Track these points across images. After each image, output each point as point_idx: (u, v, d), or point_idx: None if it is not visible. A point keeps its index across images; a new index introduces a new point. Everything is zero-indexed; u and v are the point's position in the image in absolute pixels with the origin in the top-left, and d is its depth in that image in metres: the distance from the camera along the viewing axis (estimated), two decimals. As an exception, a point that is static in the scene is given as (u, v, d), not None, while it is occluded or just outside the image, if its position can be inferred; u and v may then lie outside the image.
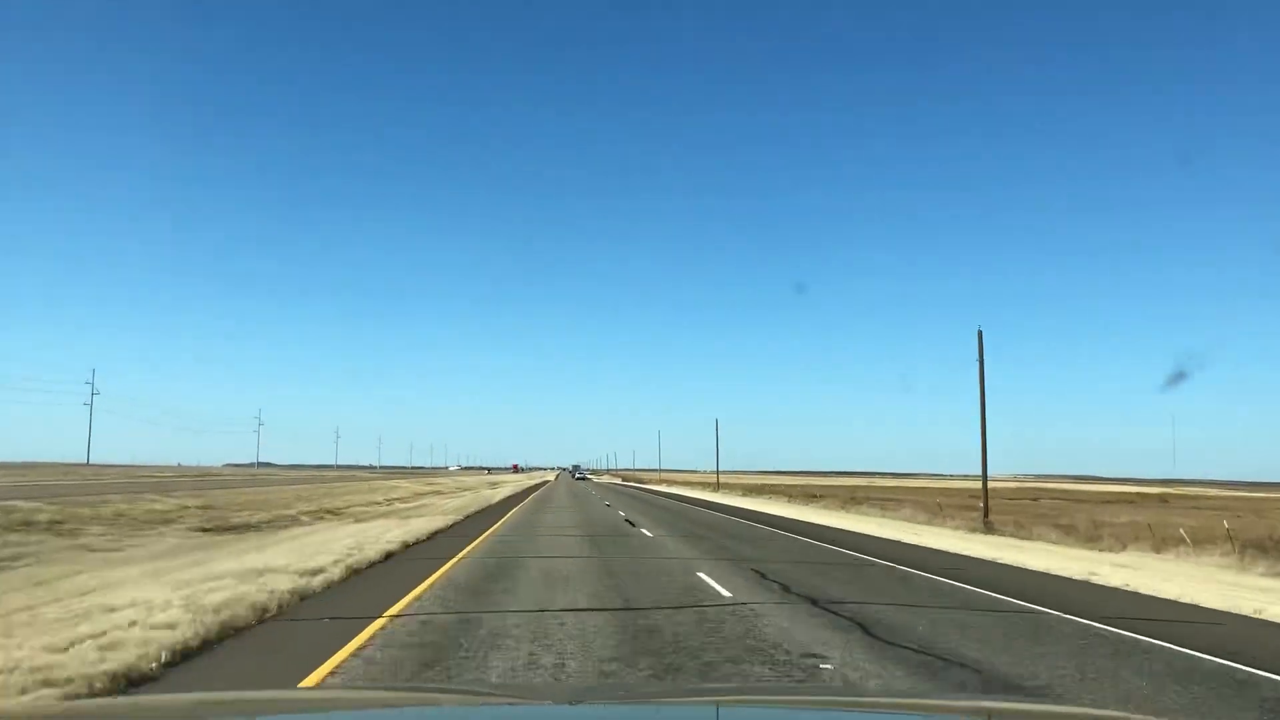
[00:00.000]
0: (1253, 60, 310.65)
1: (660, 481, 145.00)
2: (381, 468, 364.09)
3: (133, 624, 9.28)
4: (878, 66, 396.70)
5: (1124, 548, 23.78)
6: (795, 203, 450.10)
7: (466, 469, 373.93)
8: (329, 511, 39.22)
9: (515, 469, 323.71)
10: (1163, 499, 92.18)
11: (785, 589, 14.40)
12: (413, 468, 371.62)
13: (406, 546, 20.80)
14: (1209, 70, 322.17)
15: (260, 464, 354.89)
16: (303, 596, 12.43)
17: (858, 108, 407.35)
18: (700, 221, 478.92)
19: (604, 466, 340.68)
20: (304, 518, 34.88)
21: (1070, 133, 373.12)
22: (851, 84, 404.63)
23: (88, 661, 7.56)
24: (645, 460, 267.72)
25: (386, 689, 5.93)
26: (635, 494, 77.90)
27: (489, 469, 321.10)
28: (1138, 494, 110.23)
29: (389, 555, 18.50)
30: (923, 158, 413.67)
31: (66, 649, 8.09)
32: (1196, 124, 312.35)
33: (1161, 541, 23.95)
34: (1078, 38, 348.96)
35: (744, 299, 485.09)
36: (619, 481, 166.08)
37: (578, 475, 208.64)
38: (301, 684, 7.22)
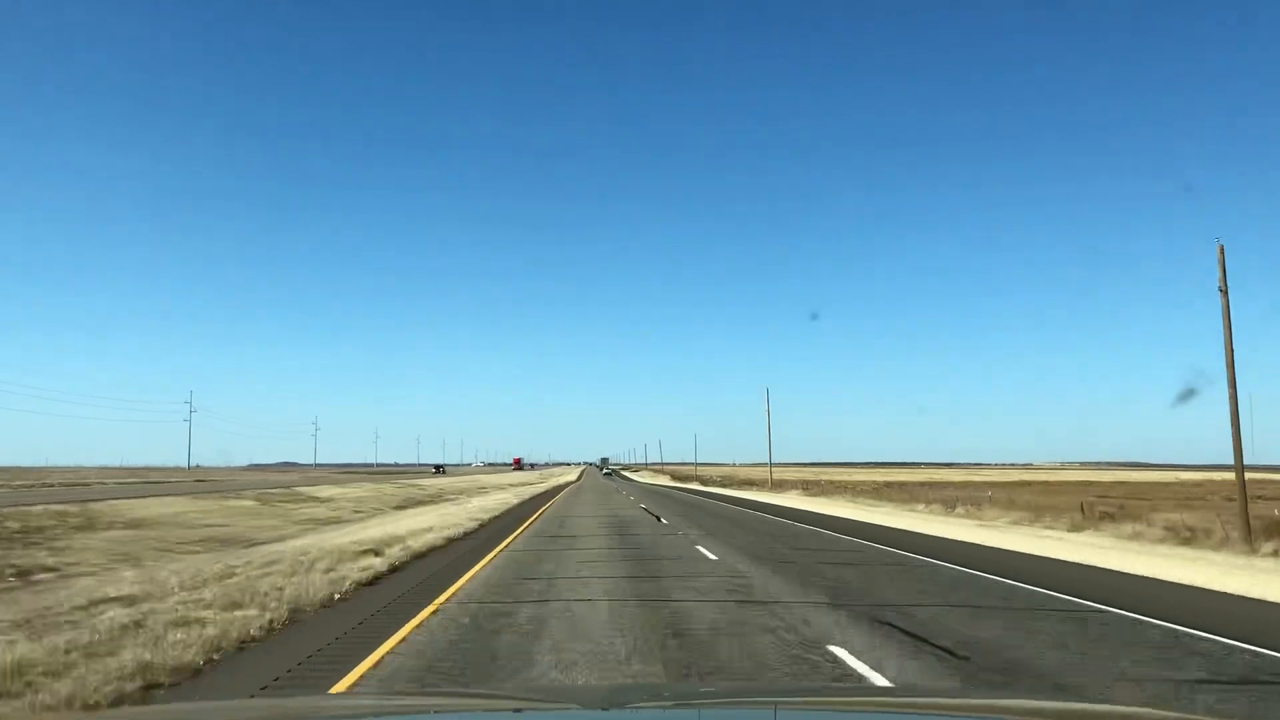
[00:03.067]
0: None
1: (773, 487, 79.05)
2: (380, 466, 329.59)
3: None
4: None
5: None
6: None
7: (491, 465, 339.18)
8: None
9: (517, 464, 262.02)
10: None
11: None
12: (422, 465, 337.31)
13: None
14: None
15: (283, 464, 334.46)
16: None
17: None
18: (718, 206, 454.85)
19: (636, 461, 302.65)
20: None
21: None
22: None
23: None
24: (694, 453, 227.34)
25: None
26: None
27: (438, 467, 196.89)
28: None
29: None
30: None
31: None
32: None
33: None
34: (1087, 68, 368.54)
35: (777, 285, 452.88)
36: (669, 483, 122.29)
37: (605, 471, 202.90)
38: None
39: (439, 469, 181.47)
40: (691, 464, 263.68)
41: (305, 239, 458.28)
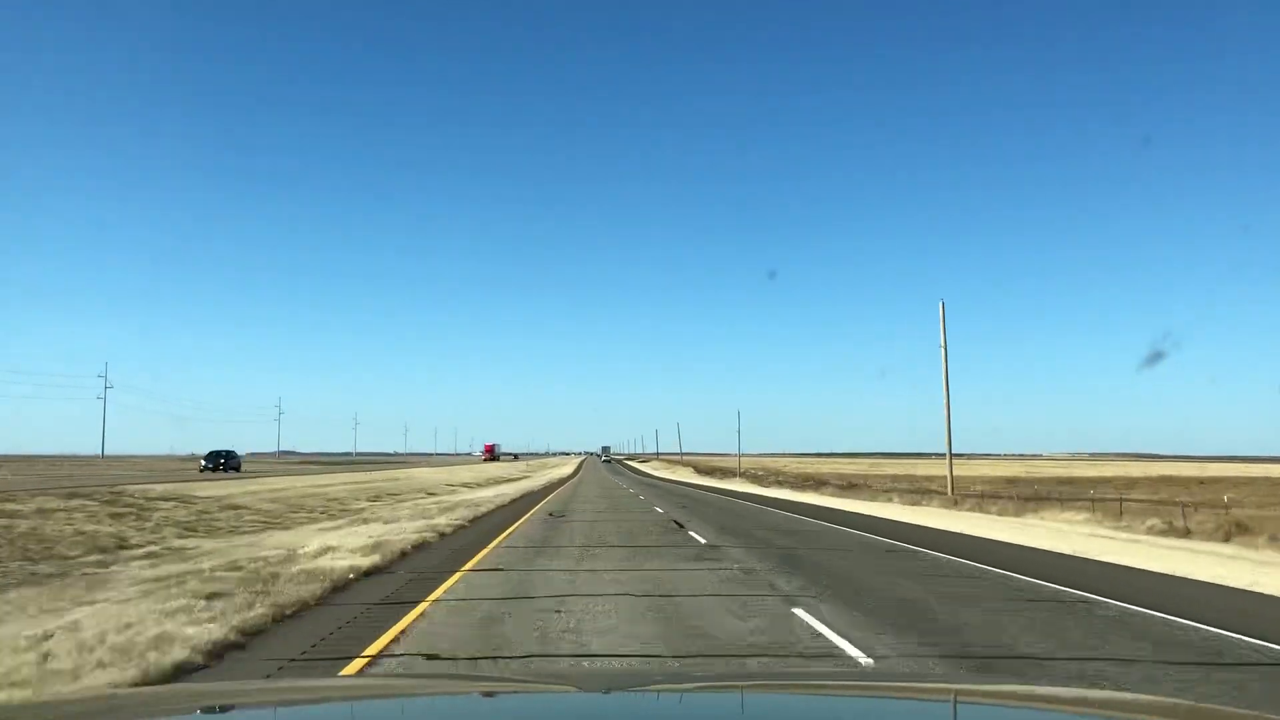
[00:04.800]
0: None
1: (955, 497, 40.07)
2: (359, 455, 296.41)
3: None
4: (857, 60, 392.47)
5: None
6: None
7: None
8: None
9: (490, 454, 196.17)
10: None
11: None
12: (426, 454, 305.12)
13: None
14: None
15: (282, 452, 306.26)
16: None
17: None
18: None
19: (640, 450, 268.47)
20: None
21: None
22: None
23: None
24: (737, 440, 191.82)
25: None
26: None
27: (217, 458, 75.54)
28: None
29: None
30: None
31: None
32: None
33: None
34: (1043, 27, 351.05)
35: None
36: (709, 483, 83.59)
37: (605, 460, 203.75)
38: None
39: (218, 460, 77.05)
40: (707, 454, 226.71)
41: (289, 212, 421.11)
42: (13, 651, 7.68)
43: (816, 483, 72.12)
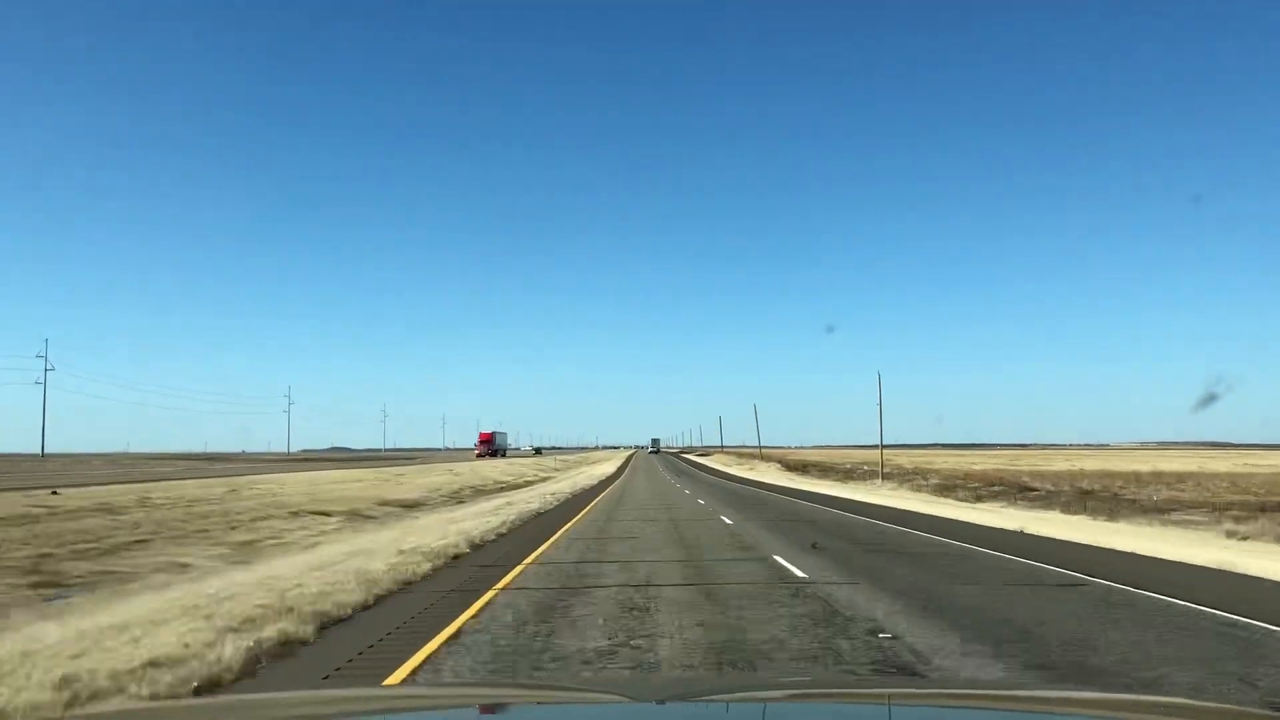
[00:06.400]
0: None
1: None
2: (388, 452, 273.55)
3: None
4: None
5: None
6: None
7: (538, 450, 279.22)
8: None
9: (486, 445, 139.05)
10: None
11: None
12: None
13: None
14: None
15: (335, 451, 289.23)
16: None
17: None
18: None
19: (694, 441, 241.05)
20: None
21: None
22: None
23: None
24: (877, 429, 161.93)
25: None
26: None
27: None
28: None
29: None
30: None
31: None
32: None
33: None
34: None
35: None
36: (867, 498, 48.82)
37: (652, 450, 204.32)
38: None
39: None
40: (777, 447, 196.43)
41: (326, 196, 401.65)
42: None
43: (1011, 489, 42.25)
